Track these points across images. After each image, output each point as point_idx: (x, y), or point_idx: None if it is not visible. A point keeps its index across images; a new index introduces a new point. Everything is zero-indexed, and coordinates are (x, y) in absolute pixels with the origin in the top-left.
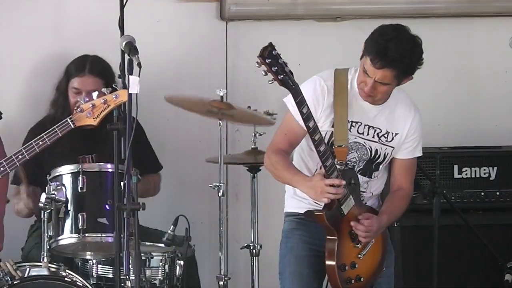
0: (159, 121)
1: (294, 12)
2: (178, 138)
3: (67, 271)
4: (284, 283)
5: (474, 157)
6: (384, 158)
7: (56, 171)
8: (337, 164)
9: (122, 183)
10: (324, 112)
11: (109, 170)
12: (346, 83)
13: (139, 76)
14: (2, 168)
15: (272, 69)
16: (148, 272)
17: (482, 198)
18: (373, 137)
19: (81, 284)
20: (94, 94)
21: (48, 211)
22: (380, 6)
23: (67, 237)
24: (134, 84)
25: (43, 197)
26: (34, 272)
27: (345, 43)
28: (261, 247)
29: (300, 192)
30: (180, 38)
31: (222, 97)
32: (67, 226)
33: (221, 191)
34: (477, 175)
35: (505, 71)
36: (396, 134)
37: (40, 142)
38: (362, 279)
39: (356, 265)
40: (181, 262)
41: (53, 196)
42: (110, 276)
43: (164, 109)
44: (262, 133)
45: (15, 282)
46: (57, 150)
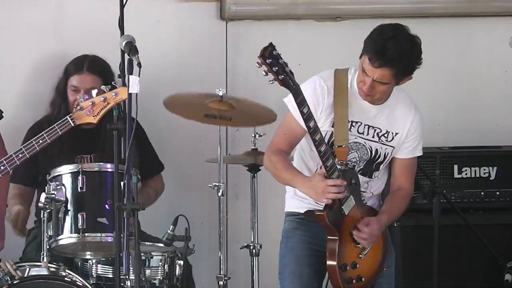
0: (159, 121)
1: (294, 12)
2: (178, 138)
3: (67, 271)
4: (284, 282)
5: (474, 157)
6: (385, 158)
7: (56, 171)
8: (337, 164)
9: (122, 183)
10: (324, 112)
11: (109, 170)
12: (346, 83)
13: (139, 76)
14: (2, 167)
15: (273, 69)
16: (147, 272)
17: (482, 198)
18: (373, 137)
19: (81, 284)
20: (94, 92)
21: (48, 211)
22: (380, 6)
23: (67, 237)
24: (134, 84)
25: (42, 197)
26: (34, 272)
27: (345, 43)
28: (261, 247)
29: (301, 192)
30: (180, 38)
31: (222, 97)
32: (67, 226)
33: (221, 191)
34: (477, 175)
35: (505, 71)
36: (396, 133)
37: (41, 141)
38: (363, 279)
39: (357, 265)
40: (181, 262)
41: (53, 196)
42: (110, 276)
43: (164, 109)
44: (262, 134)
45: (15, 282)
46: (54, 150)
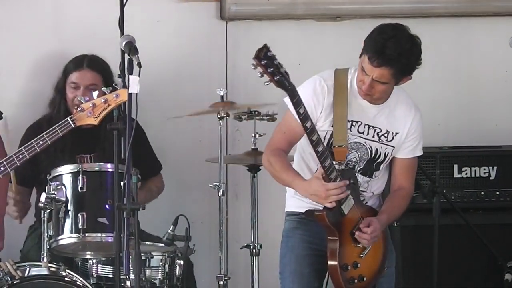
0: (159, 121)
1: (294, 11)
2: (178, 138)
3: (67, 271)
4: (284, 282)
5: (474, 157)
6: (385, 157)
7: (56, 171)
8: (335, 164)
9: (122, 183)
10: (325, 111)
11: (109, 170)
12: (346, 83)
13: (139, 75)
14: (2, 168)
15: (268, 70)
16: (148, 272)
17: (482, 198)
18: (373, 136)
19: (81, 284)
20: (95, 93)
21: (48, 211)
22: (380, 5)
23: (67, 237)
24: (134, 84)
25: (43, 196)
26: (34, 272)
27: (345, 42)
28: (261, 246)
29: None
30: (180, 38)
31: (222, 97)
32: (67, 226)
33: (221, 190)
34: (477, 175)
35: (505, 71)
36: (396, 133)
37: (41, 142)
38: (364, 278)
39: (359, 265)
40: (181, 262)
41: (53, 196)
42: (110, 276)
43: (164, 109)
44: (262, 134)
45: (15, 282)
46: (54, 150)
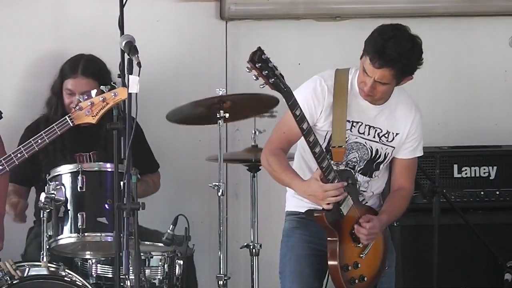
0: (159, 120)
1: (293, 11)
2: (178, 137)
3: (66, 270)
4: (284, 282)
5: (474, 157)
6: (385, 158)
7: (55, 170)
8: (333, 165)
9: (121, 183)
10: (325, 111)
11: (109, 169)
12: (347, 83)
13: (138, 75)
14: (1, 167)
15: (263, 73)
16: (147, 272)
17: (482, 198)
18: (373, 137)
19: (80, 284)
20: (93, 92)
21: (48, 210)
22: (379, 5)
23: (67, 237)
24: (133, 83)
25: (42, 196)
26: (34, 271)
27: (345, 42)
28: (261, 246)
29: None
30: (180, 37)
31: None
32: (67, 226)
33: (220, 190)
34: (477, 175)
35: (504, 70)
36: (397, 134)
37: (39, 141)
38: (365, 278)
39: (359, 265)
40: (181, 262)
41: (53, 195)
42: (109, 275)
43: (164, 108)
44: (262, 131)
45: (14, 282)
46: (54, 149)
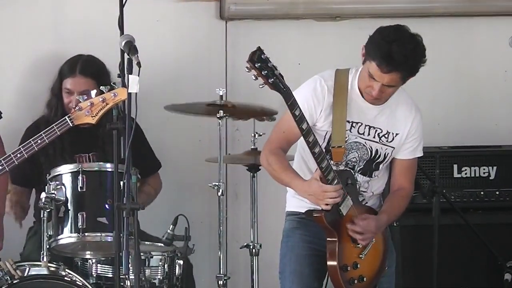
0: (159, 121)
1: (293, 11)
2: (178, 137)
3: (66, 270)
4: (284, 282)
5: (474, 157)
6: (384, 158)
7: (55, 170)
8: (333, 165)
9: (121, 183)
10: (324, 111)
11: (109, 169)
12: (347, 84)
13: (138, 75)
14: (0, 167)
15: (262, 73)
16: (147, 272)
17: (481, 198)
18: (373, 137)
19: (80, 284)
20: (93, 92)
21: (48, 210)
22: (379, 5)
23: (67, 237)
24: (133, 83)
25: (42, 196)
26: (34, 271)
27: (345, 42)
28: (260, 246)
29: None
30: (180, 37)
31: (221, 97)
32: (67, 226)
33: (220, 190)
34: (477, 175)
35: (504, 70)
36: (397, 134)
37: (39, 141)
38: (365, 279)
39: (358, 265)
40: (181, 262)
41: (53, 195)
42: (109, 275)
43: (164, 108)
44: (261, 134)
45: (14, 282)
46: (54, 149)
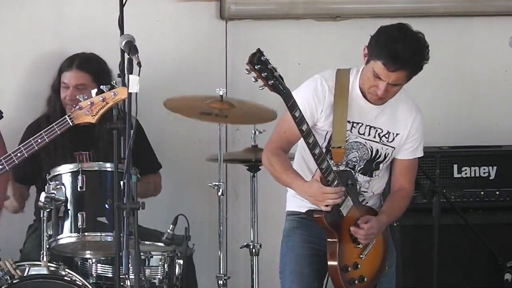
0: (158, 120)
1: (293, 11)
2: (178, 137)
3: (66, 270)
4: (284, 282)
5: (474, 157)
6: (385, 158)
7: (55, 170)
8: (333, 166)
9: (121, 182)
10: (325, 111)
11: (109, 169)
12: (347, 84)
13: (138, 75)
14: (0, 166)
15: (262, 74)
16: (147, 271)
17: (481, 198)
18: (374, 137)
19: (80, 284)
20: (93, 91)
21: (48, 210)
22: (379, 5)
23: (67, 236)
24: (133, 83)
25: (42, 196)
26: (34, 271)
27: (345, 42)
28: (260, 246)
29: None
30: (180, 37)
31: (221, 96)
32: (67, 225)
33: (220, 190)
34: (477, 175)
35: (504, 70)
36: (397, 134)
37: (39, 140)
38: (365, 279)
39: (359, 266)
40: (181, 262)
41: (53, 195)
42: (109, 275)
43: (164, 108)
44: (262, 131)
45: (14, 281)
46: (54, 148)
